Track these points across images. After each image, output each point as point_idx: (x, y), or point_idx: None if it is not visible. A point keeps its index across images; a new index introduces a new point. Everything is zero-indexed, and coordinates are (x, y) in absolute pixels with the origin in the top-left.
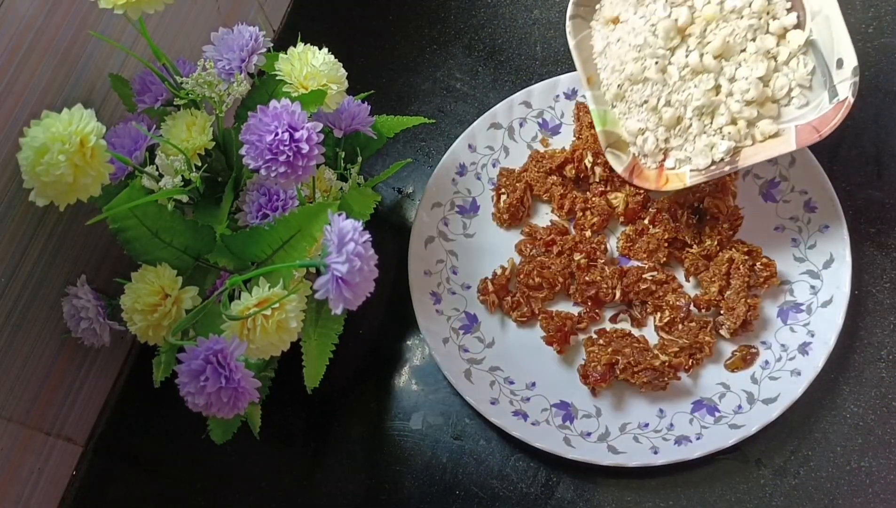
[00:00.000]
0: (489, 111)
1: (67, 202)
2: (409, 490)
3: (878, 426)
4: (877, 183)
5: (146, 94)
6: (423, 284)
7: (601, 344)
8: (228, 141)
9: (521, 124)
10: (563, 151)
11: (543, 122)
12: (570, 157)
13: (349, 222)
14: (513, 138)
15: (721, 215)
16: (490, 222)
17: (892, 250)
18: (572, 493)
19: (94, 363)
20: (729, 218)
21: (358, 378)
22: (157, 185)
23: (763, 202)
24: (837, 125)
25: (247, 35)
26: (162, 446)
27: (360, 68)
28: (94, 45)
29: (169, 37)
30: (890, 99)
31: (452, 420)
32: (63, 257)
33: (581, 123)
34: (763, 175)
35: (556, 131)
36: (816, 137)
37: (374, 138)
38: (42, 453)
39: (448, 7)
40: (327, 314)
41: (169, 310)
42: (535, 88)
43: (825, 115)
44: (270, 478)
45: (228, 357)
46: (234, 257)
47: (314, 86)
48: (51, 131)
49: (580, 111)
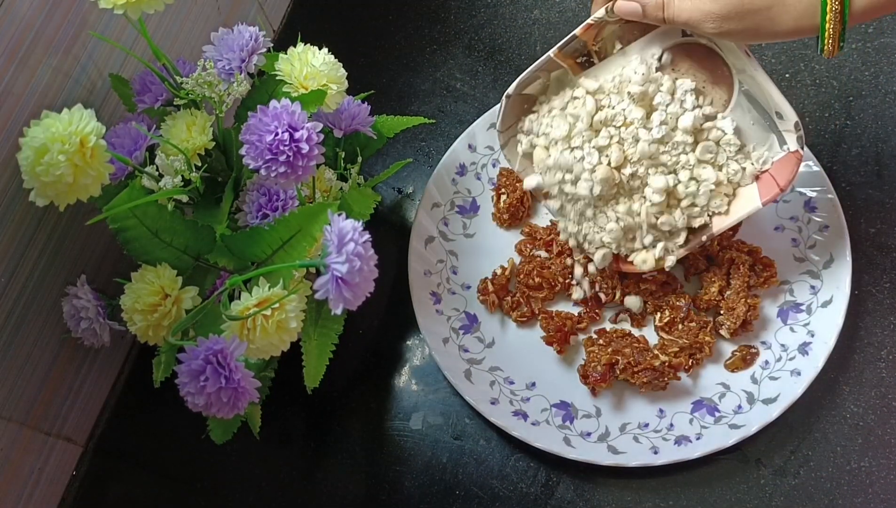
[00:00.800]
0: (489, 111)
1: (67, 202)
2: (409, 490)
3: (878, 426)
4: (877, 183)
5: (146, 94)
6: (423, 284)
7: (601, 344)
8: (228, 141)
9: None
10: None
11: None
12: None
13: (349, 222)
14: None
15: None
16: (490, 222)
17: (892, 250)
18: (572, 493)
19: (94, 363)
20: None
21: (358, 378)
22: (157, 185)
23: None
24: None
25: (247, 35)
26: (162, 446)
27: (360, 68)
28: (95, 45)
29: (169, 37)
30: (890, 99)
31: (452, 420)
32: (63, 257)
33: None
34: None
35: None
36: (778, 191)
37: (374, 138)
38: (42, 453)
39: (448, 7)
40: (327, 314)
41: (169, 310)
42: None
43: (783, 168)
44: (270, 478)
45: (228, 357)
46: (234, 257)
47: (314, 86)
48: (51, 131)
49: None
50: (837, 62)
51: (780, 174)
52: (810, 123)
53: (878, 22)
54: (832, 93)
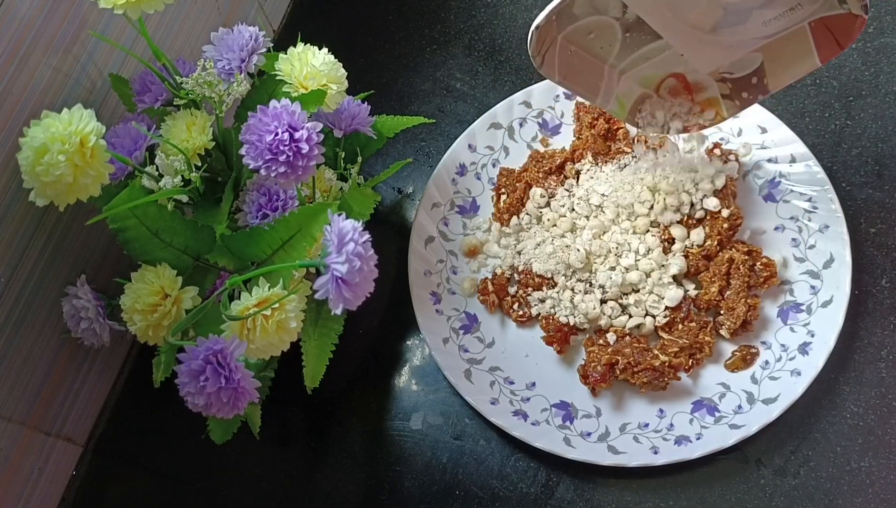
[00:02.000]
0: (489, 111)
1: (67, 202)
2: (409, 490)
3: (878, 427)
4: (877, 183)
5: (146, 94)
6: (423, 284)
7: (601, 344)
8: (228, 141)
9: (521, 124)
10: (563, 151)
11: (543, 122)
12: (570, 157)
13: (349, 223)
14: (513, 138)
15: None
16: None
17: (892, 250)
18: (572, 493)
19: (94, 363)
20: (729, 218)
21: (358, 378)
22: (157, 185)
23: (763, 202)
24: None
25: (247, 35)
26: (162, 446)
27: (360, 68)
28: (94, 45)
29: (169, 37)
30: (890, 99)
31: (452, 420)
32: (63, 257)
33: (581, 123)
34: (763, 175)
35: (556, 131)
36: (838, 50)
37: (374, 138)
38: (42, 453)
39: (448, 7)
40: (327, 314)
41: (169, 310)
42: (535, 88)
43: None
44: (270, 478)
45: (228, 357)
46: (234, 257)
47: (314, 86)
48: (51, 131)
49: (580, 111)
50: (838, 62)
51: (841, 32)
52: (810, 123)
53: (878, 22)
54: (832, 93)
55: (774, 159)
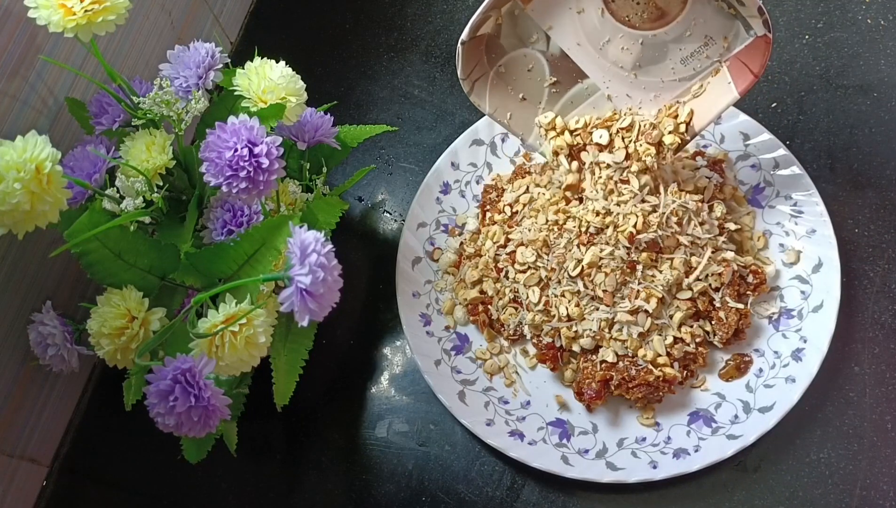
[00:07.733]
0: (470, 127)
1: (26, 230)
2: (376, 499)
3: (835, 418)
4: (829, 176)
5: (103, 116)
6: (412, 305)
7: (594, 361)
8: (190, 159)
9: (504, 140)
10: (546, 165)
11: None
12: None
13: (311, 234)
14: (495, 154)
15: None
16: None
17: (882, 251)
18: (537, 496)
19: (57, 383)
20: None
21: (326, 390)
22: (118, 207)
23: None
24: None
25: (203, 52)
26: (130, 463)
27: (318, 78)
28: (44, 66)
29: (122, 55)
30: (840, 93)
31: (417, 427)
32: (22, 281)
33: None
34: (748, 181)
35: None
36: (753, 78)
37: (338, 149)
38: (6, 474)
39: (404, 14)
40: (297, 329)
41: (136, 333)
42: None
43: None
44: (245, 493)
45: (197, 376)
46: (201, 275)
47: (273, 99)
48: (5, 160)
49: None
50: (789, 57)
51: (752, 60)
52: (763, 118)
53: (827, 17)
54: (784, 88)
55: (758, 165)
